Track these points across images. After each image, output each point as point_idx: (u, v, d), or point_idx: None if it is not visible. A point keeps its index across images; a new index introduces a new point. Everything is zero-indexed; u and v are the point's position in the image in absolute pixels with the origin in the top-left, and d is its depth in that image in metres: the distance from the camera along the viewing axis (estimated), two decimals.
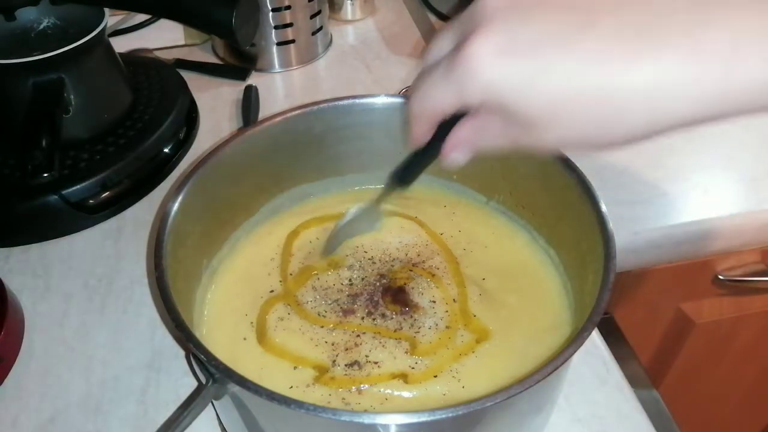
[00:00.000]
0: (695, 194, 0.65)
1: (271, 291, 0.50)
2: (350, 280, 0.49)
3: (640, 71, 0.27)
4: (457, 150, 0.37)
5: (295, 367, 0.45)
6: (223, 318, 0.48)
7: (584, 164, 0.46)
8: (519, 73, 0.29)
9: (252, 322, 0.48)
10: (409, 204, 0.55)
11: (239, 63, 0.83)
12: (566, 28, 0.28)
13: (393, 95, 0.52)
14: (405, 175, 0.42)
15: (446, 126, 0.36)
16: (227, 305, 0.49)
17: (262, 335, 0.47)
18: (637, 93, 0.28)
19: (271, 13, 0.78)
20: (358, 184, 0.57)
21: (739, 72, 0.26)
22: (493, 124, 0.33)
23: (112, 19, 0.78)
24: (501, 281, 0.50)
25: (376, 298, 0.48)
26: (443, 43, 0.34)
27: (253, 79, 0.81)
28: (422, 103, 0.35)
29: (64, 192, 0.59)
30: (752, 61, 0.26)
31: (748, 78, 0.26)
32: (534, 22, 0.29)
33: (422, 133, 0.37)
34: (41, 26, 0.66)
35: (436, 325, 0.46)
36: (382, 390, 0.43)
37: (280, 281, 0.50)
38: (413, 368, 0.44)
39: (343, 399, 0.42)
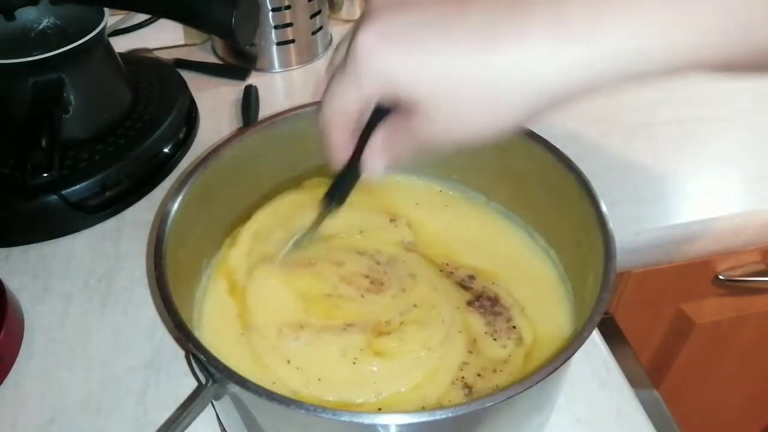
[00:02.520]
0: (695, 194, 0.65)
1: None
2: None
3: (506, 52, 0.29)
4: (374, 159, 0.37)
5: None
6: (223, 318, 0.48)
7: (584, 164, 0.46)
8: (400, 59, 0.31)
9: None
10: (408, 204, 0.55)
11: (239, 63, 0.83)
12: (438, 18, 0.31)
13: None
14: (336, 195, 0.42)
15: (364, 141, 0.37)
16: (227, 306, 0.49)
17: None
18: (507, 72, 0.29)
19: (271, 13, 0.78)
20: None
21: (599, 43, 0.28)
22: (399, 127, 0.35)
23: (111, 18, 0.78)
24: (501, 281, 0.50)
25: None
26: (341, 50, 0.36)
27: (253, 79, 0.81)
28: (330, 106, 0.36)
29: (63, 192, 0.59)
30: (610, 32, 0.28)
31: (609, 49, 0.28)
32: (408, 13, 0.31)
33: (340, 145, 0.38)
34: (41, 26, 0.66)
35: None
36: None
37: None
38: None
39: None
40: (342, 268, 0.50)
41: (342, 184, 0.41)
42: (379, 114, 0.36)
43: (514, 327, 0.47)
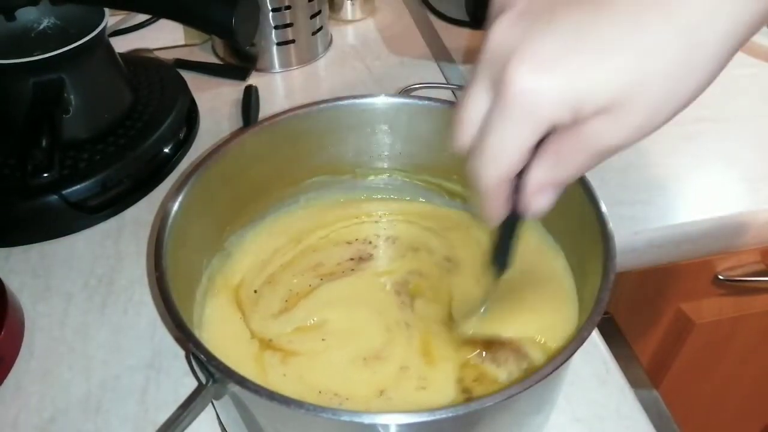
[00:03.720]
0: (695, 194, 0.65)
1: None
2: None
3: (684, 19, 0.26)
4: (541, 195, 0.32)
5: None
6: (223, 318, 0.48)
7: None
8: (574, 74, 0.27)
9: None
10: (408, 204, 0.55)
11: (239, 63, 0.83)
12: (587, 17, 0.27)
13: (393, 95, 0.52)
14: (505, 259, 0.37)
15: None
16: (227, 306, 0.49)
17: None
18: (701, 25, 0.26)
19: (271, 13, 0.78)
20: (357, 184, 0.57)
21: None
22: (569, 144, 0.30)
23: (112, 19, 0.78)
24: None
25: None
26: (476, 102, 0.31)
27: (253, 79, 0.81)
28: (492, 163, 0.31)
29: (64, 192, 0.59)
30: None
31: None
32: (550, 27, 0.27)
33: (502, 200, 0.33)
34: (41, 26, 0.66)
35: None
36: None
37: None
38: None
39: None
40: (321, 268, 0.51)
41: (507, 242, 0.37)
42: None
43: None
